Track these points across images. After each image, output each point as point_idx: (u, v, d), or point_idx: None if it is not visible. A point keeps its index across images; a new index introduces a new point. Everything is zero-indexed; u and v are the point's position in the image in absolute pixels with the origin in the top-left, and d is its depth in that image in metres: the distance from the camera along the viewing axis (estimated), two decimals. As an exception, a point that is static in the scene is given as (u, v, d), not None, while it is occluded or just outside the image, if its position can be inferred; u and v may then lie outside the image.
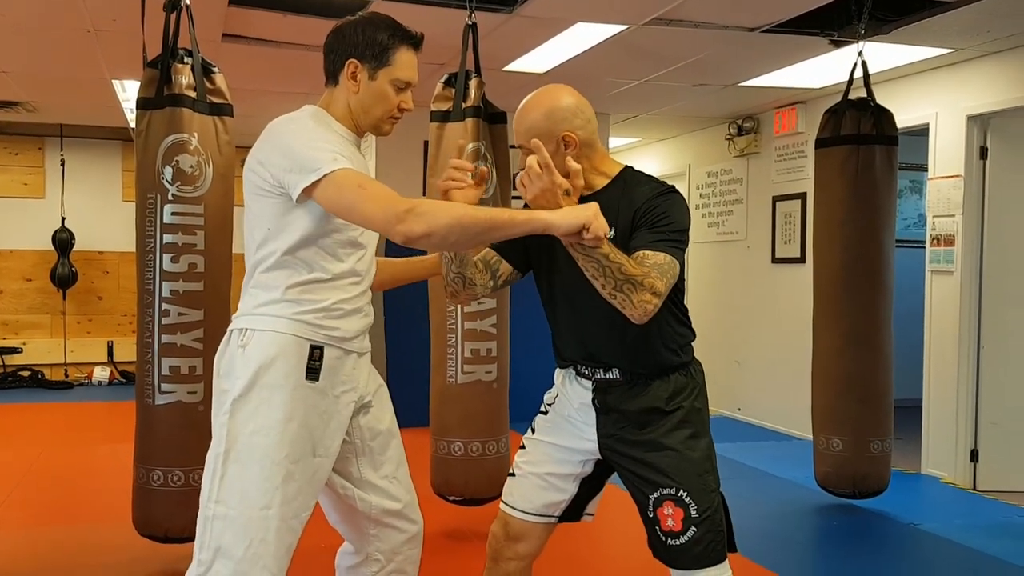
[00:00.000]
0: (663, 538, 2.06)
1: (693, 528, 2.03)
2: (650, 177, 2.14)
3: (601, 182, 2.12)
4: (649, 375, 2.11)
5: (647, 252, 1.96)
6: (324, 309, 2.03)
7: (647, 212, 2.01)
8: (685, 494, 2.04)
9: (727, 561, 2.08)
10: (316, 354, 2.03)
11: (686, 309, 2.17)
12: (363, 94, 2.09)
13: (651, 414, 2.10)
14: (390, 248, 2.30)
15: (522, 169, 2.15)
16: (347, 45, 2.09)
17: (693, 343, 2.19)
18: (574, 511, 2.27)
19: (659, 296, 1.92)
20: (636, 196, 2.06)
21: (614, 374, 2.12)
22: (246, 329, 2.04)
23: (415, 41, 2.12)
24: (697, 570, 2.04)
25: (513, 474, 2.31)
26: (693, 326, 2.19)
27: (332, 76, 2.13)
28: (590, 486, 2.27)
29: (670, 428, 2.09)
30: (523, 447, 2.32)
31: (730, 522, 2.11)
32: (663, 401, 2.10)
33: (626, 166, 2.16)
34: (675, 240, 2.00)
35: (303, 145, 1.97)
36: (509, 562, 2.26)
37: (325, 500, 2.27)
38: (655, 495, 2.07)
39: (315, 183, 1.90)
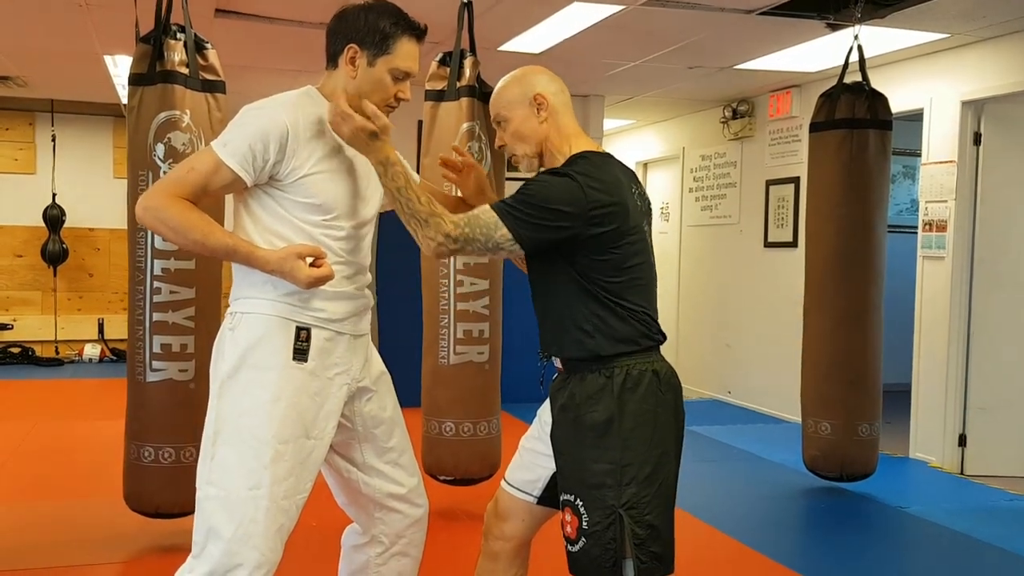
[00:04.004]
0: (565, 542, 2.04)
1: (583, 539, 1.98)
2: (572, 163, 2.03)
3: (558, 162, 2.09)
4: (574, 367, 2.05)
5: (484, 207, 1.99)
6: (308, 290, 2.03)
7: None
8: (581, 504, 1.99)
9: None
10: (303, 335, 2.03)
11: (632, 300, 2.01)
12: (360, 80, 2.08)
13: (562, 412, 2.06)
14: (383, 242, 2.30)
15: (501, 146, 2.18)
16: (349, 29, 2.07)
17: (635, 339, 2.01)
18: (556, 497, 2.18)
19: (448, 238, 1.94)
20: None
21: (555, 363, 2.12)
22: (236, 313, 2.06)
23: (418, 32, 2.11)
24: None
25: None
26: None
27: (332, 59, 2.12)
28: None
29: (572, 432, 2.03)
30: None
31: (642, 540, 1.96)
32: (569, 401, 2.03)
33: (582, 152, 2.06)
34: (513, 205, 1.95)
35: (234, 123, 2.02)
36: (496, 541, 2.25)
37: (332, 482, 2.29)
38: (561, 497, 2.06)
39: None
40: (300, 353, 2.03)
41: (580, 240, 1.96)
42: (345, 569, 2.34)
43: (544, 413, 2.18)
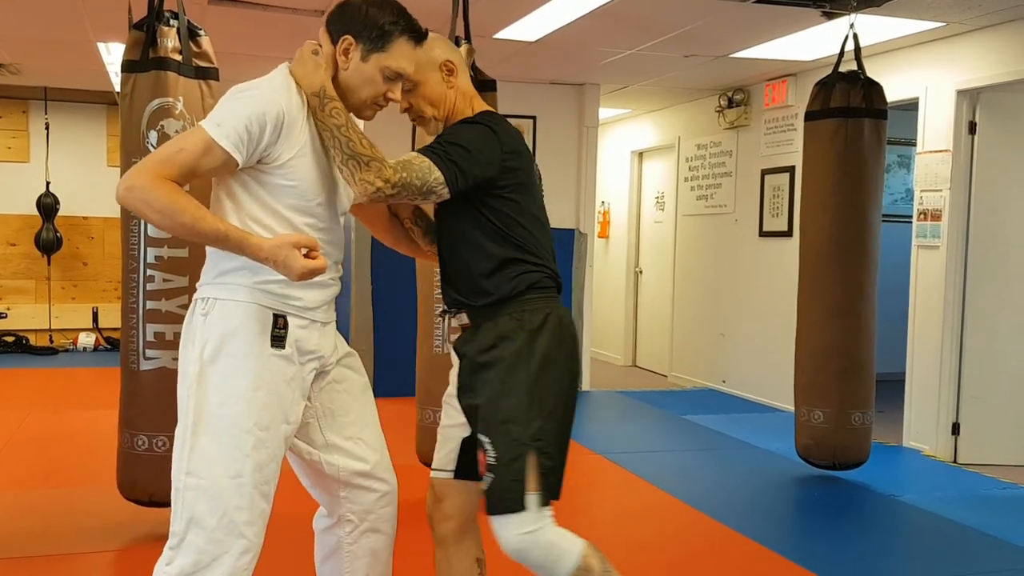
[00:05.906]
0: (482, 483, 2.12)
1: (490, 475, 2.07)
2: (481, 116, 2.17)
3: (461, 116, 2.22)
4: (485, 314, 2.14)
5: (412, 152, 2.06)
6: (284, 279, 2.00)
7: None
8: (489, 441, 2.08)
9: (528, 512, 2.04)
10: (280, 322, 2.01)
11: (533, 246, 2.14)
12: (351, 73, 2.06)
13: (475, 358, 2.15)
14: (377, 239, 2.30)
15: (406, 109, 2.26)
16: (348, 21, 2.05)
17: (539, 283, 2.14)
18: (468, 466, 2.23)
19: (387, 183, 1.98)
20: None
21: (462, 318, 2.21)
22: (208, 298, 2.02)
23: (418, 35, 2.08)
24: (495, 516, 2.08)
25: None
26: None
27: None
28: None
29: (484, 374, 2.12)
30: None
31: (546, 472, 2.06)
32: (482, 344, 2.13)
33: (486, 111, 2.21)
34: (440, 148, 2.05)
35: (225, 104, 2.01)
36: (441, 524, 2.29)
37: (295, 465, 2.26)
38: (479, 439, 2.15)
39: None
40: (278, 340, 2.01)
41: (493, 186, 2.08)
42: (319, 553, 2.33)
43: (452, 385, 2.26)
